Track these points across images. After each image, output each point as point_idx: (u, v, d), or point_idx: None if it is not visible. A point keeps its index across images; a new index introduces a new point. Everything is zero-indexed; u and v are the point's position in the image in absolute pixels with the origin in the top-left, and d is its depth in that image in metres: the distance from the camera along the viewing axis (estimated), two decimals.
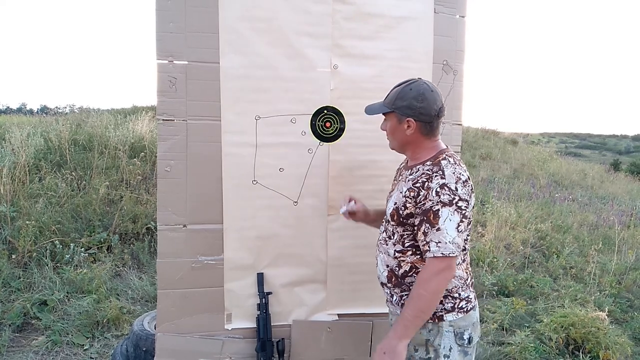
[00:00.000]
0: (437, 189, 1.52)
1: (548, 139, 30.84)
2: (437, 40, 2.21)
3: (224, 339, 2.08)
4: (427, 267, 1.53)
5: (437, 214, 1.51)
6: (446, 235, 1.49)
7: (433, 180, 1.55)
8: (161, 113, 1.96)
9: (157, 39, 1.93)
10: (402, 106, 1.65)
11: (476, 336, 1.68)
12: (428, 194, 1.54)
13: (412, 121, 1.64)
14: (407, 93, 1.64)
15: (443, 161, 1.60)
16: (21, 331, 3.23)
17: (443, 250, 1.49)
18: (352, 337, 2.21)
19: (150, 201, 5.07)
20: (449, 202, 1.51)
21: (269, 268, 2.13)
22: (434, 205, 1.52)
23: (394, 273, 1.69)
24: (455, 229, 1.51)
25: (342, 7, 2.08)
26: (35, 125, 6.82)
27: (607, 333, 3.37)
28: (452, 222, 1.50)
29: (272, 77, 2.04)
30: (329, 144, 2.14)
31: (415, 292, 1.53)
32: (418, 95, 1.63)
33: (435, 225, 1.51)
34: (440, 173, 1.55)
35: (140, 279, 4.06)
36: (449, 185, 1.52)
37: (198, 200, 2.02)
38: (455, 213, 1.51)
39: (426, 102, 1.62)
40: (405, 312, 1.53)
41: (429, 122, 1.64)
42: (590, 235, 6.50)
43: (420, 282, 1.53)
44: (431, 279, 1.51)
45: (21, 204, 4.52)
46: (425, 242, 1.53)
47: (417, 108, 1.62)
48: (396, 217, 1.65)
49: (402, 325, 1.53)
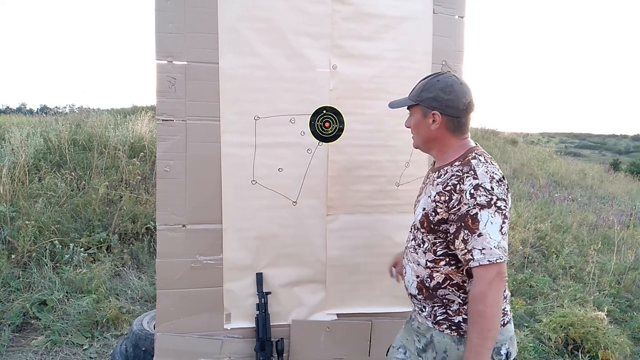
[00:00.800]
0: (471, 191, 1.39)
1: (548, 139, 30.85)
2: (436, 41, 2.21)
3: (223, 339, 2.08)
4: (477, 279, 1.37)
5: (475, 218, 1.37)
6: (490, 240, 1.35)
7: (465, 181, 1.41)
8: (160, 113, 1.96)
9: (157, 39, 1.93)
10: (428, 98, 1.52)
11: (514, 351, 1.54)
12: (462, 197, 1.40)
13: (437, 114, 1.51)
14: (433, 84, 1.53)
15: (473, 160, 1.46)
16: (20, 331, 3.23)
17: (489, 257, 1.35)
18: (351, 337, 2.22)
19: (149, 201, 5.07)
20: (487, 204, 1.37)
21: (268, 268, 2.13)
22: (470, 209, 1.38)
23: (425, 284, 1.56)
24: (498, 232, 1.37)
25: (342, 8, 2.08)
26: (34, 125, 6.82)
27: (606, 333, 3.38)
28: (494, 225, 1.37)
29: (271, 78, 2.04)
30: (328, 144, 2.14)
31: (474, 311, 1.37)
32: (445, 87, 1.50)
33: (476, 231, 1.36)
34: (472, 173, 1.42)
35: (140, 278, 4.06)
36: (483, 185, 1.39)
37: (197, 200, 2.02)
38: (496, 214, 1.37)
39: (454, 94, 1.50)
40: (472, 338, 1.37)
41: (457, 116, 1.51)
42: (589, 235, 6.50)
43: (476, 299, 1.37)
44: (486, 291, 1.35)
45: (21, 204, 4.51)
46: (466, 250, 1.39)
47: (444, 100, 1.50)
48: (426, 224, 1.51)
49: (473, 353, 1.36)
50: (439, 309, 1.55)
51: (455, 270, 1.50)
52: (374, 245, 2.22)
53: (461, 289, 1.52)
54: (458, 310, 1.52)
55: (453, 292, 1.52)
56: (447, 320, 1.54)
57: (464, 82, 1.54)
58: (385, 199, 2.22)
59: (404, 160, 2.21)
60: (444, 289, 1.52)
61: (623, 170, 18.72)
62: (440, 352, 1.54)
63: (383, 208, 2.22)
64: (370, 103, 2.15)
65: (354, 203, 2.19)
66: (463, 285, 1.51)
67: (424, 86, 1.56)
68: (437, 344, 1.55)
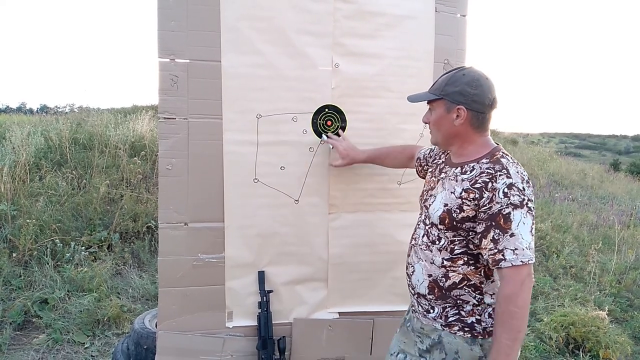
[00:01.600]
0: (505, 190, 1.36)
1: (548, 139, 30.83)
2: (438, 39, 2.21)
3: (225, 337, 2.08)
4: (508, 279, 1.34)
5: (508, 218, 1.34)
6: (522, 240, 1.33)
7: (498, 180, 1.38)
8: (162, 111, 1.96)
9: (159, 37, 1.93)
10: (454, 92, 1.47)
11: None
12: (494, 196, 1.36)
13: (462, 109, 1.46)
14: (459, 78, 1.47)
15: (503, 159, 1.44)
16: (22, 329, 3.24)
17: (522, 258, 1.33)
18: (353, 335, 2.22)
19: (150, 200, 5.07)
20: (519, 204, 1.35)
21: (270, 266, 2.13)
22: (503, 208, 1.35)
23: (438, 284, 1.52)
24: (529, 233, 1.35)
25: (343, 6, 2.08)
26: (35, 124, 6.82)
27: (607, 332, 3.38)
28: (526, 226, 1.35)
29: (273, 76, 2.04)
30: None
31: (505, 312, 1.34)
32: (472, 81, 1.45)
33: (508, 231, 1.34)
34: (505, 172, 1.39)
35: (141, 277, 4.07)
36: (516, 185, 1.37)
37: (199, 198, 2.02)
38: (527, 215, 1.35)
39: (481, 89, 1.45)
40: (501, 338, 1.34)
41: (482, 112, 1.47)
42: (590, 235, 6.50)
43: (508, 299, 1.33)
44: (518, 292, 1.32)
45: (22, 203, 4.52)
46: (496, 250, 1.35)
47: (471, 95, 1.45)
48: (448, 221, 1.46)
49: (502, 354, 1.33)
50: (450, 310, 1.51)
51: (474, 271, 1.48)
52: (376, 243, 2.22)
53: (477, 290, 1.49)
54: (472, 311, 1.50)
55: (469, 293, 1.49)
56: (459, 321, 1.51)
57: (489, 77, 1.49)
58: (387, 197, 2.22)
59: None
60: (459, 289, 1.49)
61: (623, 170, 18.73)
62: (452, 354, 1.51)
63: (385, 206, 2.22)
64: (372, 101, 2.15)
65: (355, 201, 2.19)
66: (480, 286, 1.49)
67: (449, 80, 1.50)
68: (447, 344, 1.52)
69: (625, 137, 67.57)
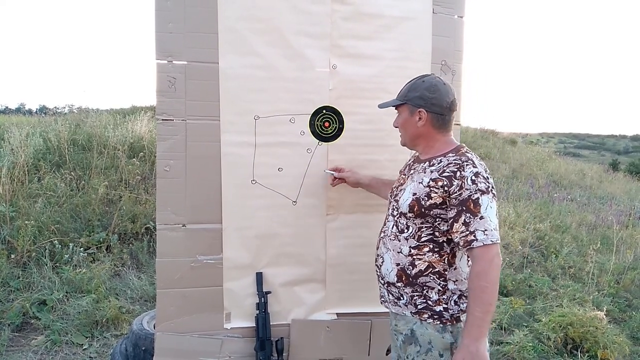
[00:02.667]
0: (473, 177, 1.51)
1: (547, 139, 30.89)
2: (436, 41, 2.22)
3: (223, 338, 2.08)
4: (480, 257, 1.47)
5: (477, 202, 1.49)
6: (490, 222, 1.48)
7: (466, 169, 1.53)
8: (160, 113, 1.96)
9: (157, 39, 1.94)
10: (415, 97, 1.66)
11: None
12: (464, 183, 1.51)
13: (423, 112, 1.64)
14: (419, 85, 1.67)
15: (468, 154, 1.61)
16: (20, 331, 3.24)
17: (491, 238, 1.47)
18: (351, 336, 2.22)
19: (149, 201, 5.07)
20: (486, 190, 1.51)
21: (268, 267, 2.13)
22: (472, 193, 1.50)
23: (405, 272, 1.64)
24: (495, 216, 1.51)
25: (341, 7, 2.08)
26: (34, 125, 6.81)
27: (605, 332, 3.38)
28: (492, 209, 1.50)
29: (271, 77, 2.05)
30: (327, 143, 2.15)
31: (477, 287, 1.46)
32: (431, 87, 1.64)
33: (478, 214, 1.48)
34: (471, 162, 1.55)
35: (140, 278, 4.06)
36: (482, 174, 1.53)
37: (197, 199, 2.02)
38: (492, 200, 1.51)
39: (438, 93, 1.63)
40: (474, 311, 1.46)
41: (441, 114, 1.65)
42: (588, 235, 6.51)
43: (479, 275, 1.46)
44: (488, 268, 1.46)
45: (20, 204, 4.52)
46: (468, 232, 1.49)
47: (429, 98, 1.63)
48: (417, 208, 1.60)
49: (475, 326, 1.45)
50: (418, 298, 1.63)
51: (438, 259, 1.61)
52: (374, 244, 2.21)
53: (442, 277, 1.61)
54: (438, 300, 1.61)
55: (434, 280, 1.61)
56: (428, 309, 1.62)
57: (447, 83, 1.68)
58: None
59: (403, 160, 2.21)
60: (425, 277, 1.62)
61: (622, 170, 18.75)
62: (425, 345, 1.61)
63: (382, 207, 2.21)
64: (370, 102, 2.14)
65: (353, 202, 2.19)
66: (444, 274, 1.61)
67: (411, 87, 1.69)
68: (420, 337, 1.62)
69: (625, 137, 67.68)
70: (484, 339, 1.46)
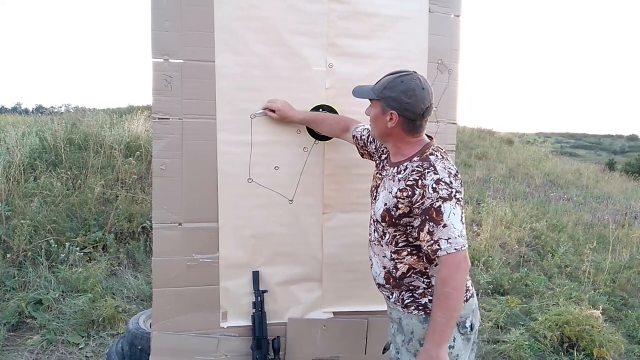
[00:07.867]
0: (433, 185, 1.49)
1: (544, 139, 30.97)
2: (432, 40, 2.22)
3: (219, 337, 2.08)
4: (444, 265, 1.47)
5: (439, 211, 1.46)
6: (453, 230, 1.45)
7: (426, 177, 1.51)
8: (157, 111, 1.96)
9: (153, 37, 1.93)
10: (389, 97, 1.58)
11: (477, 322, 1.68)
12: (425, 192, 1.50)
13: (395, 114, 1.58)
14: (397, 85, 1.58)
15: (431, 156, 1.57)
16: (16, 330, 3.22)
17: (455, 246, 1.45)
18: (348, 334, 2.22)
19: (145, 200, 5.06)
20: (448, 197, 1.47)
21: (264, 266, 2.13)
22: (434, 202, 1.47)
23: (392, 275, 1.68)
24: (460, 222, 1.48)
25: (338, 6, 2.08)
26: (30, 125, 6.79)
27: (601, 331, 3.40)
28: (456, 216, 1.47)
29: (268, 76, 2.05)
30: (324, 142, 2.15)
31: (441, 293, 1.46)
32: (408, 90, 1.56)
33: (441, 222, 1.46)
34: (432, 169, 1.52)
35: (136, 277, 4.05)
36: (444, 180, 1.49)
37: (193, 198, 2.02)
38: (456, 206, 1.48)
39: (414, 98, 1.56)
40: (437, 317, 1.47)
41: (413, 119, 1.59)
42: (585, 234, 6.53)
43: (443, 282, 1.46)
44: (452, 276, 1.45)
45: (16, 203, 4.50)
46: (432, 241, 1.48)
47: (404, 103, 1.56)
48: (388, 219, 1.61)
49: (437, 332, 1.47)
50: (406, 294, 1.67)
51: (417, 260, 1.63)
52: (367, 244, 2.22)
53: (424, 275, 1.65)
54: (423, 293, 1.65)
55: (418, 279, 1.65)
56: (414, 302, 1.65)
57: (426, 87, 1.59)
58: None
59: None
60: (409, 277, 1.65)
61: (618, 170, 18.82)
62: (408, 334, 1.65)
63: None
64: (366, 102, 2.15)
65: (350, 201, 2.19)
66: (426, 272, 1.64)
67: (388, 84, 1.60)
68: (405, 326, 1.66)
69: (621, 136, 67.93)
70: (446, 344, 1.48)
